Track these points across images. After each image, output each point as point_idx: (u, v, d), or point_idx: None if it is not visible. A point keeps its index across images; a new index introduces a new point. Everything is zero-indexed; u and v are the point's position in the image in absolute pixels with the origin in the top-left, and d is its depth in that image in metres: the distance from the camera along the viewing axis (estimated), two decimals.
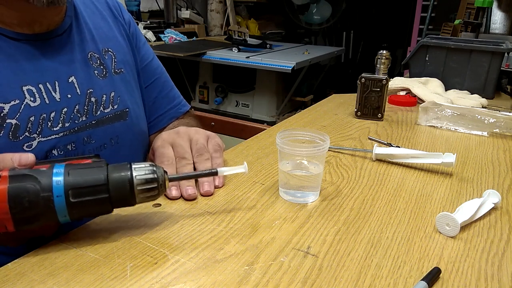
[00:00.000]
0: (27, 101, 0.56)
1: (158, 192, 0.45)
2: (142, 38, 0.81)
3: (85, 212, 0.44)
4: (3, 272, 0.40)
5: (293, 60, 2.31)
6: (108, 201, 0.43)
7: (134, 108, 0.73)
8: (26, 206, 0.40)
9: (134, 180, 0.43)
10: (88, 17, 0.69)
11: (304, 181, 0.56)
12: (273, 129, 0.87)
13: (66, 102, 0.61)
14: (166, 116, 0.84)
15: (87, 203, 0.42)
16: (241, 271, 0.41)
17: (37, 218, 0.41)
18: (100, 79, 0.67)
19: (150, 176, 0.44)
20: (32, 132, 0.57)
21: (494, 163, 0.71)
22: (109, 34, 0.72)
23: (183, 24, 3.10)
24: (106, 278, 0.39)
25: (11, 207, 0.40)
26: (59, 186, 0.41)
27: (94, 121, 0.65)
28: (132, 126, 0.72)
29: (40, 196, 0.40)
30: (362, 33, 4.24)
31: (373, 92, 0.92)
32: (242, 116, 2.71)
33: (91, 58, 0.66)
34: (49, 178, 0.41)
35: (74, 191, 0.41)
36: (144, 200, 0.45)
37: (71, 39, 0.64)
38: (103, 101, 0.66)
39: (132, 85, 0.75)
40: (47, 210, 0.41)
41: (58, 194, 0.41)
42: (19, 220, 0.41)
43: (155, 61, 0.83)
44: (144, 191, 0.44)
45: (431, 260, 0.44)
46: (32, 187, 0.40)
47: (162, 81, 0.84)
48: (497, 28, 1.98)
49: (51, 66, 0.59)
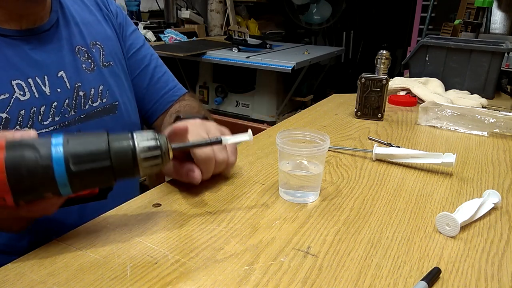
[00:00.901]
0: (16, 95, 0.57)
1: (162, 160, 0.43)
2: (131, 28, 0.80)
3: (87, 182, 0.41)
4: (3, 272, 0.40)
5: (293, 60, 2.31)
6: (110, 171, 0.41)
7: (124, 101, 0.73)
8: (25, 175, 0.38)
9: (136, 147, 0.41)
10: (76, 12, 0.69)
11: (304, 181, 0.56)
12: (273, 129, 0.87)
13: (56, 96, 0.61)
14: (162, 101, 0.82)
15: (88, 172, 0.40)
16: (241, 271, 0.41)
17: (36, 188, 0.39)
18: (88, 72, 0.67)
19: (153, 143, 0.42)
20: (23, 125, 0.57)
21: (494, 163, 0.71)
22: (97, 28, 0.72)
23: (183, 24, 3.10)
24: (106, 278, 0.39)
25: (8, 176, 0.38)
26: (59, 154, 0.39)
27: (83, 115, 0.65)
28: (122, 119, 0.72)
29: (39, 164, 0.38)
30: (362, 33, 4.24)
31: (373, 92, 0.92)
32: (242, 116, 2.71)
33: (78, 52, 0.66)
34: (48, 146, 0.39)
35: (75, 159, 0.39)
36: (148, 170, 0.43)
37: (59, 34, 0.64)
38: (91, 95, 0.66)
39: (122, 77, 0.74)
40: (47, 179, 0.39)
41: (58, 162, 0.39)
42: (17, 191, 0.39)
43: (144, 49, 0.82)
44: (147, 159, 0.42)
45: (431, 260, 0.44)
46: (30, 156, 0.38)
47: (152, 67, 0.82)
48: (497, 28, 1.98)
49: (40, 61, 0.60)
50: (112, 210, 0.52)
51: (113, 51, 0.73)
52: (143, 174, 0.43)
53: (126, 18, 0.80)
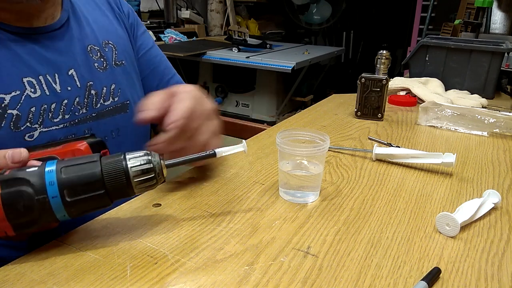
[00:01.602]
0: (27, 92, 0.57)
1: (156, 181, 0.44)
2: (142, 28, 0.81)
3: (84, 209, 0.42)
4: (3, 272, 0.40)
5: (293, 60, 2.32)
6: (106, 196, 0.42)
7: (135, 100, 0.73)
8: (22, 211, 0.39)
9: (130, 172, 0.42)
10: (88, 13, 0.70)
11: (304, 181, 0.56)
12: (273, 129, 0.87)
13: (67, 94, 0.61)
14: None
15: (84, 200, 0.41)
16: (241, 271, 0.41)
17: (35, 221, 0.41)
18: (100, 71, 0.67)
19: (146, 166, 0.43)
20: (33, 122, 0.57)
21: (494, 163, 0.71)
22: (110, 28, 0.72)
23: (183, 24, 3.10)
24: (106, 278, 0.39)
25: (7, 213, 0.39)
26: (53, 187, 0.40)
27: (94, 114, 0.65)
28: (133, 118, 0.72)
29: (35, 199, 0.39)
30: (362, 33, 4.24)
31: (373, 92, 0.92)
32: (242, 116, 2.71)
33: (91, 51, 0.67)
34: (42, 178, 0.40)
35: (70, 191, 0.40)
36: (143, 190, 0.44)
37: (70, 32, 0.64)
38: (103, 94, 0.67)
39: (133, 77, 0.75)
40: (45, 212, 0.40)
41: (53, 195, 0.40)
42: (17, 225, 0.40)
43: (154, 50, 0.82)
44: (142, 182, 0.43)
45: (431, 260, 0.44)
46: (25, 191, 0.39)
47: (161, 69, 0.83)
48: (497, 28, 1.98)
49: (51, 59, 0.60)
50: (112, 210, 0.52)
51: (125, 50, 0.74)
52: (139, 193, 0.44)
53: (137, 19, 0.81)
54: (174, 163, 0.47)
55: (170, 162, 0.46)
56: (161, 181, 0.45)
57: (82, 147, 0.50)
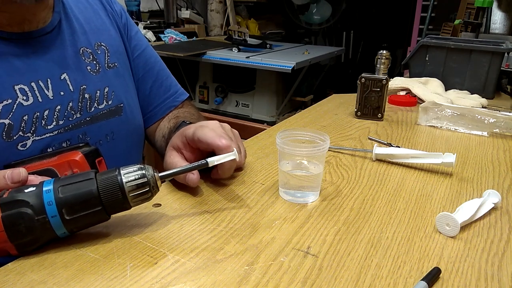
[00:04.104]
0: (19, 100, 0.56)
1: (152, 193, 0.45)
2: (134, 28, 0.80)
3: (83, 224, 0.44)
4: (3, 272, 0.40)
5: (293, 60, 2.31)
6: (103, 211, 0.44)
7: (129, 102, 0.72)
8: (24, 232, 0.41)
9: (125, 187, 0.43)
10: (79, 12, 0.69)
11: (304, 181, 0.56)
12: (273, 129, 0.87)
13: (59, 99, 0.60)
14: (164, 106, 0.82)
15: (82, 217, 0.43)
16: (241, 271, 0.41)
17: (37, 240, 0.42)
18: (93, 74, 0.66)
19: (141, 181, 0.44)
20: (26, 131, 0.56)
21: (494, 163, 0.71)
22: (102, 27, 0.71)
23: (183, 24, 3.10)
24: (106, 278, 0.39)
25: (9, 235, 0.41)
26: (52, 207, 0.41)
27: (89, 118, 0.64)
28: (127, 121, 0.71)
29: (35, 220, 0.41)
30: (362, 33, 4.24)
31: (373, 92, 0.92)
32: (242, 116, 2.71)
33: (83, 53, 0.66)
34: (40, 199, 0.41)
35: (68, 209, 0.42)
36: (139, 203, 0.46)
37: (62, 35, 0.63)
38: (97, 97, 0.66)
39: (126, 79, 0.74)
40: (45, 231, 0.42)
41: (52, 214, 0.41)
42: (20, 245, 0.42)
43: (148, 51, 0.81)
44: (137, 196, 0.44)
45: (431, 260, 0.44)
46: (26, 212, 0.41)
47: (156, 70, 0.82)
48: (497, 28, 1.98)
49: (43, 64, 0.59)
50: None
51: (118, 51, 0.73)
52: (136, 206, 0.45)
53: (129, 19, 0.80)
54: (168, 174, 0.48)
55: (163, 174, 0.48)
56: (156, 193, 0.46)
57: (78, 157, 0.52)
